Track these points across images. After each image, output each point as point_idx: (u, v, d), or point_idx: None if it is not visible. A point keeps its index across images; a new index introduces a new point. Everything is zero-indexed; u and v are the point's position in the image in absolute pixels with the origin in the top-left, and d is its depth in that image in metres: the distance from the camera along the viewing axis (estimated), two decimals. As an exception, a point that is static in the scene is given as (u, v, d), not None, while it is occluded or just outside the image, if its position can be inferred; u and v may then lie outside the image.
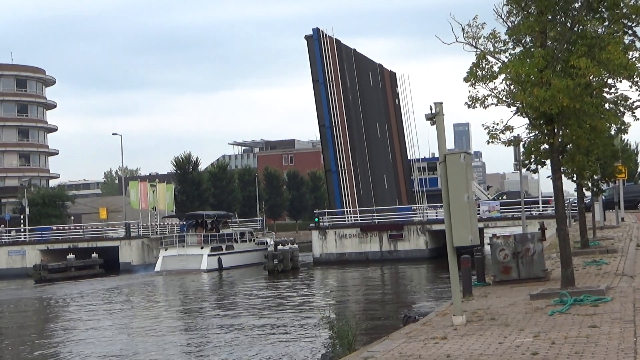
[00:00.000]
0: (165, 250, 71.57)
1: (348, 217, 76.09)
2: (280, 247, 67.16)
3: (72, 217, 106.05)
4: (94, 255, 74.53)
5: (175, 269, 68.15)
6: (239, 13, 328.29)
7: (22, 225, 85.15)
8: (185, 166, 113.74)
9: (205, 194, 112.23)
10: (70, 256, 72.71)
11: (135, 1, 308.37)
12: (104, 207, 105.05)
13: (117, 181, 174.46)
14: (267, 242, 76.90)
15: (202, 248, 70.72)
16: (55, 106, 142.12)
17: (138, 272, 71.80)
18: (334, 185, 79.80)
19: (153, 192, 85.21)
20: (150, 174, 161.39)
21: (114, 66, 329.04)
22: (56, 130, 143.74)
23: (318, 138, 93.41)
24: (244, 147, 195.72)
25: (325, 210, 79.76)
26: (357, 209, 76.96)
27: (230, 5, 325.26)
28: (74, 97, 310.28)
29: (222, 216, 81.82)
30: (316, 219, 74.94)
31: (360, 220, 75.13)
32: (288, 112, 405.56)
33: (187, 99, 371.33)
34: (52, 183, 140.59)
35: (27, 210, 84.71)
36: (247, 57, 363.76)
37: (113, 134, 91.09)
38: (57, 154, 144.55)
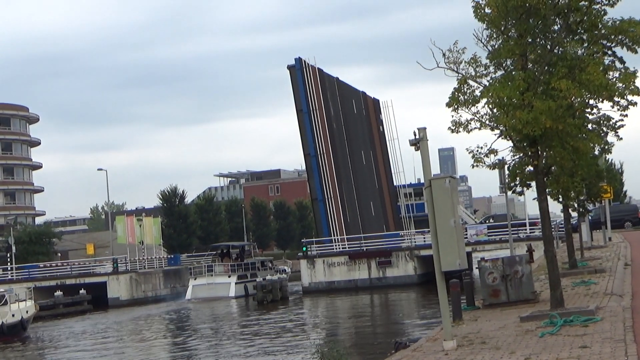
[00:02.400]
0: (195, 279, 74.77)
1: (336, 245, 75.97)
2: (268, 277, 67.15)
3: (59, 254, 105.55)
4: (82, 291, 74.13)
5: (205, 297, 71.05)
6: (220, 45, 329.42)
7: (8, 264, 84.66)
8: (171, 199, 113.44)
9: (193, 227, 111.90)
10: (58, 293, 72.23)
11: (115, 37, 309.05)
12: (90, 243, 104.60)
13: (103, 216, 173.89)
14: (284, 270, 78.77)
15: (229, 277, 73.41)
16: (39, 143, 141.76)
17: (169, 300, 75.18)
18: (321, 214, 79.80)
19: (140, 226, 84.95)
20: (136, 208, 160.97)
21: (97, 102, 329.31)
22: (41, 167, 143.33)
23: (304, 167, 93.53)
24: (230, 179, 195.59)
25: (313, 239, 79.65)
26: (345, 236, 76.89)
27: (211, 39, 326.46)
28: (58, 134, 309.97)
29: (245, 247, 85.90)
30: (304, 248, 74.78)
31: (349, 248, 75.01)
32: (273, 143, 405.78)
33: (171, 132, 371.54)
34: (38, 220, 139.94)
35: (13, 248, 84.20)
36: (229, 89, 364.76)
37: (98, 169, 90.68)
38: (43, 190, 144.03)
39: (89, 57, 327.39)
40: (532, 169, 19.38)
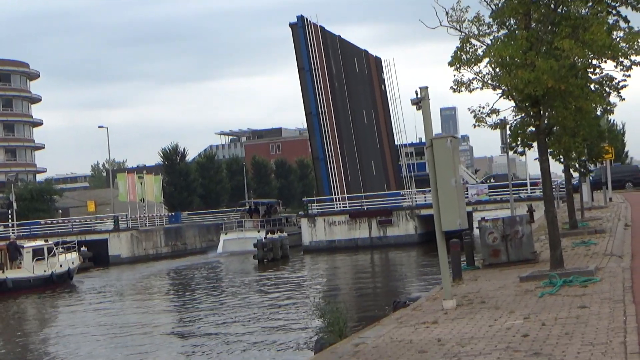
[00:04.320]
0: (226, 234, 78.31)
1: (337, 204, 76.08)
2: (269, 235, 67.45)
3: (60, 211, 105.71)
4: (83, 248, 74.30)
5: (235, 250, 73.60)
6: (222, 3, 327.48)
7: (10, 220, 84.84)
8: (172, 157, 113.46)
9: (193, 185, 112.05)
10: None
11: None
12: (92, 200, 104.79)
13: (104, 174, 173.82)
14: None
15: (258, 232, 75.48)
16: (40, 100, 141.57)
17: (207, 254, 78.36)
18: (322, 173, 79.83)
19: (141, 184, 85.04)
20: (137, 166, 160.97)
21: (97, 59, 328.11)
22: (42, 124, 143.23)
23: (305, 126, 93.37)
24: (231, 137, 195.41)
25: (314, 198, 79.76)
26: (346, 195, 76.97)
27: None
28: (59, 91, 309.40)
29: (273, 204, 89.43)
30: (306, 207, 75.16)
31: (349, 207, 75.12)
32: (274, 101, 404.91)
33: (172, 90, 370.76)
34: (39, 177, 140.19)
35: (14, 205, 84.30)
36: (231, 47, 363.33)
37: (99, 127, 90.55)
38: (44, 148, 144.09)
39: (90, 14, 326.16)
40: (533, 129, 19.31)
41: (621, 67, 18.67)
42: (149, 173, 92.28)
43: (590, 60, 18.90)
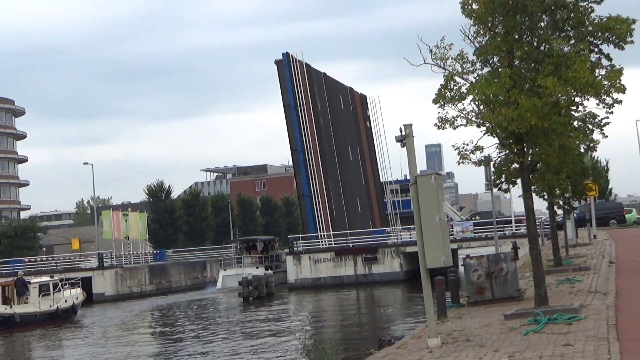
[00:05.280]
0: (225, 270, 78.24)
1: (322, 242, 75.96)
2: (249, 273, 67.59)
3: (45, 249, 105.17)
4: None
5: (234, 287, 72.18)
6: (207, 40, 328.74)
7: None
8: (157, 194, 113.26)
9: (179, 222, 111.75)
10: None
11: (102, 31, 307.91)
12: (76, 238, 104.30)
13: (89, 211, 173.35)
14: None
15: (257, 268, 75.41)
16: (25, 136, 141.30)
17: (207, 289, 79.75)
18: (307, 210, 79.74)
19: (126, 221, 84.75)
20: (122, 203, 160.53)
21: (83, 96, 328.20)
22: (27, 161, 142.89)
23: (290, 163, 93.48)
24: (217, 174, 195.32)
25: (299, 235, 79.61)
26: (331, 232, 76.87)
27: (198, 33, 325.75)
28: (44, 127, 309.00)
29: (271, 240, 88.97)
30: (291, 244, 75.01)
31: (335, 244, 75.01)
32: (260, 138, 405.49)
33: (159, 126, 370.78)
34: (24, 214, 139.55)
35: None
36: (217, 84, 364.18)
37: (84, 164, 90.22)
38: (28, 184, 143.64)
39: (76, 51, 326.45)
40: (517, 166, 19.36)
41: (604, 105, 18.80)
42: (134, 210, 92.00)
43: (573, 98, 18.99)
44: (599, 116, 20.15)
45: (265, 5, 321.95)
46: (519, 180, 19.84)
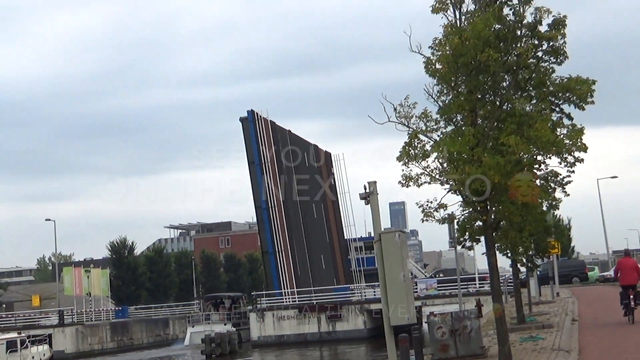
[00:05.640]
0: (193, 327, 78.23)
1: (286, 299, 75.60)
2: (217, 330, 66.91)
3: (4, 305, 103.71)
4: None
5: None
6: (171, 97, 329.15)
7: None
8: (120, 251, 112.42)
9: (141, 279, 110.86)
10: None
11: (64, 88, 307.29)
12: (36, 295, 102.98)
13: (50, 267, 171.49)
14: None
15: (225, 324, 76.20)
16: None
17: (175, 346, 79.72)
18: (271, 267, 79.47)
19: (88, 277, 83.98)
20: (84, 260, 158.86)
21: (45, 152, 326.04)
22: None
23: (255, 219, 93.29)
24: (180, 231, 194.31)
25: (263, 292, 79.22)
26: (295, 290, 76.56)
27: (162, 90, 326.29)
28: (5, 184, 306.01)
29: (238, 297, 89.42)
30: (253, 302, 74.73)
31: (298, 301, 74.68)
32: (224, 194, 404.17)
33: (122, 182, 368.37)
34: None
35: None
36: (180, 141, 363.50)
37: (46, 220, 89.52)
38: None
39: (39, 107, 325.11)
40: (481, 223, 19.47)
41: (565, 163, 19.04)
42: (96, 267, 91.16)
43: (535, 156, 19.22)
44: (561, 175, 20.39)
45: (229, 64, 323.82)
46: (482, 238, 19.95)
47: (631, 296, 28.12)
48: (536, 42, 19.06)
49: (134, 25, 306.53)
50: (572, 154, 18.69)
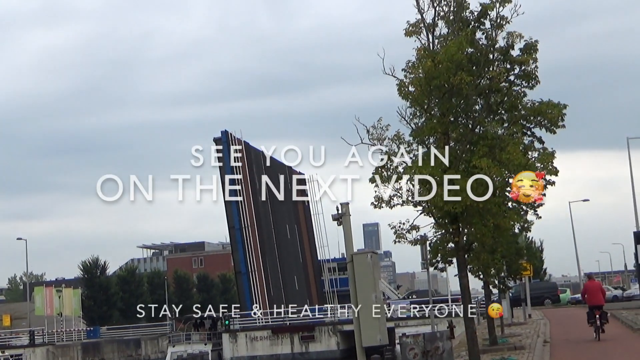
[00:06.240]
0: (173, 347, 75.66)
1: (259, 320, 75.32)
2: (190, 351, 66.52)
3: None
4: (-4, 365, 72.18)
5: None
6: (142, 117, 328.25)
7: None
8: (92, 270, 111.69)
9: (114, 298, 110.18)
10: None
11: (36, 106, 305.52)
12: (7, 314, 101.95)
13: (21, 287, 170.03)
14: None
15: (205, 345, 74.19)
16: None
17: None
18: (244, 287, 79.25)
19: (59, 297, 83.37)
20: (56, 279, 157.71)
21: (16, 170, 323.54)
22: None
23: (228, 240, 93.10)
24: (153, 250, 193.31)
25: (236, 313, 78.89)
26: (268, 310, 76.31)
27: (136, 110, 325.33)
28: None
29: (219, 318, 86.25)
30: (226, 322, 74.18)
31: (271, 322, 74.43)
32: (197, 215, 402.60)
33: (93, 202, 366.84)
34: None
35: None
36: (153, 160, 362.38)
37: (17, 239, 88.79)
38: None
39: (9, 125, 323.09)
40: (453, 245, 19.60)
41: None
42: (68, 286, 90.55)
43: (507, 179, 19.40)
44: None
45: (203, 84, 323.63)
46: (454, 259, 20.08)
47: (597, 315, 29.28)
48: (508, 66, 19.31)
49: (107, 44, 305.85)
50: (544, 177, 18.87)
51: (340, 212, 16.36)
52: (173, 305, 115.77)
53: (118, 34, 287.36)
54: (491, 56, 19.33)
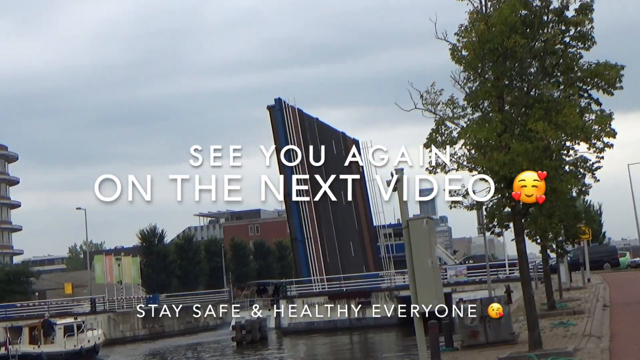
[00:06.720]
0: (238, 313, 76.78)
1: (315, 286, 75.76)
2: (247, 317, 67.12)
3: (37, 293, 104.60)
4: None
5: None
6: (198, 86, 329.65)
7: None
8: (150, 239, 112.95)
9: (172, 266, 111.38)
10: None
11: (93, 77, 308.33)
12: (69, 283, 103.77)
13: (82, 256, 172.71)
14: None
15: (269, 310, 75.71)
16: (18, 182, 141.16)
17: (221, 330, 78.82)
18: (301, 254, 79.63)
19: (119, 265, 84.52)
20: (115, 248, 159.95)
21: (75, 141, 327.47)
22: (19, 206, 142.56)
23: (283, 207, 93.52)
24: (210, 219, 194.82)
25: (293, 280, 79.43)
26: (324, 277, 76.67)
27: (189, 79, 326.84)
28: (37, 173, 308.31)
29: (281, 284, 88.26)
30: (285, 289, 74.96)
31: (328, 288, 74.80)
32: (253, 182, 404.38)
33: (150, 171, 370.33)
34: (16, 259, 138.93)
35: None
36: (208, 129, 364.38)
37: (77, 209, 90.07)
38: (21, 229, 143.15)
39: (68, 97, 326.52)
40: (509, 210, 19.45)
41: (594, 149, 18.95)
42: (126, 255, 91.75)
43: (563, 142, 19.17)
44: (590, 160, 20.30)
45: (255, 52, 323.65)
46: (511, 224, 19.93)
47: None
48: (563, 27, 19.00)
49: (161, 14, 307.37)
50: (601, 139, 18.61)
51: (394, 177, 16.30)
52: (230, 273, 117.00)
53: (171, 4, 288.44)
54: (545, 18, 19.04)
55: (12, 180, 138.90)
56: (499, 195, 19.55)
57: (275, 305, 77.78)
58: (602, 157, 19.46)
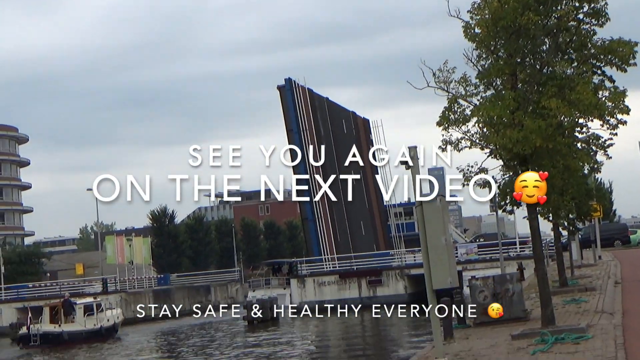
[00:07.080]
0: (254, 291, 78.14)
1: (326, 265, 75.97)
2: (258, 296, 67.45)
3: (49, 274, 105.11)
4: (72, 312, 73.77)
5: None
6: (207, 67, 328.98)
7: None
8: (161, 219, 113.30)
9: (182, 246, 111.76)
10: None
11: (102, 60, 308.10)
12: (80, 263, 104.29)
13: (92, 237, 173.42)
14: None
15: (284, 289, 76.14)
16: (28, 164, 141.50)
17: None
18: (311, 233, 79.79)
19: (129, 246, 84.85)
20: (126, 228, 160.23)
21: (85, 123, 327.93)
22: (30, 187, 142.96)
23: (294, 187, 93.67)
24: (220, 199, 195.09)
25: (304, 259, 79.65)
26: (335, 256, 76.87)
27: (199, 61, 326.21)
28: (47, 155, 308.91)
29: (296, 263, 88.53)
30: (295, 268, 75.14)
31: (339, 267, 75.02)
32: (263, 162, 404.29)
33: (160, 152, 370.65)
34: (28, 240, 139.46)
35: (2, 268, 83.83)
36: (218, 110, 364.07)
37: (87, 190, 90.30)
38: (32, 211, 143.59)
39: (77, 79, 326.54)
40: (522, 187, 19.43)
41: (607, 126, 18.94)
42: (137, 235, 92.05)
43: (577, 119, 19.15)
44: (602, 138, 20.30)
45: (264, 33, 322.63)
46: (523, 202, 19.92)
47: None
48: (577, 4, 18.92)
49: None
50: (614, 116, 18.59)
51: (407, 155, 16.34)
52: (241, 253, 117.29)
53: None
54: (559, -6, 18.98)
55: (22, 161, 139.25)
56: (512, 173, 19.56)
57: (290, 284, 78.16)
58: (615, 134, 19.44)
